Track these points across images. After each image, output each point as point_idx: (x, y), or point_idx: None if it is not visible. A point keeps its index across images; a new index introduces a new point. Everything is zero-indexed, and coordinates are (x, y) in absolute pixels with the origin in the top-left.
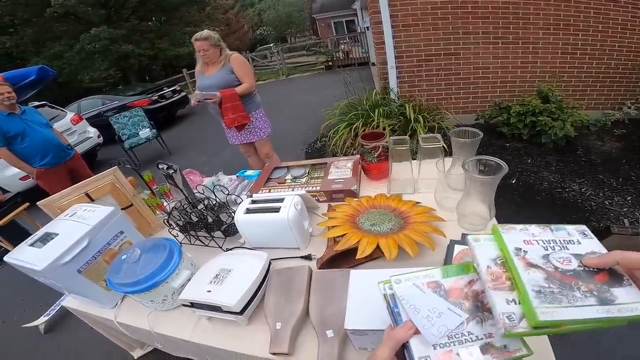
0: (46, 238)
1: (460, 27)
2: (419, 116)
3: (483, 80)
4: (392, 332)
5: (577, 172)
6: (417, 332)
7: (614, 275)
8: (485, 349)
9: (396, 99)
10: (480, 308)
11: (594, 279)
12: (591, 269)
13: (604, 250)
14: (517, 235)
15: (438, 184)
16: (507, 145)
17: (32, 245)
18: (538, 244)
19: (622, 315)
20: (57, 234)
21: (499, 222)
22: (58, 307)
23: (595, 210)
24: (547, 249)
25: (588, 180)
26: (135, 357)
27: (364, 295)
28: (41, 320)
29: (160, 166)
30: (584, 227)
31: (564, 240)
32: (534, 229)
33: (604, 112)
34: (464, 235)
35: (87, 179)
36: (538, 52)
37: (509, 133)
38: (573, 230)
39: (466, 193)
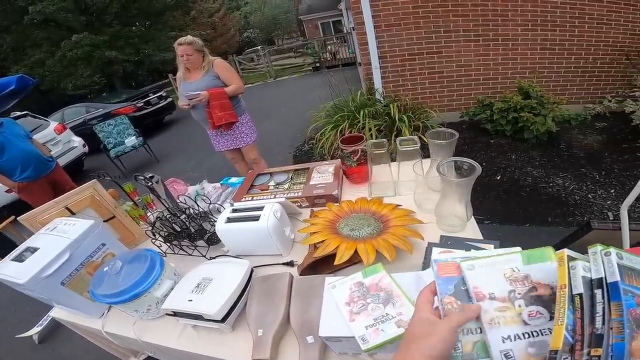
0: (27, 252)
1: (441, 25)
2: (403, 116)
3: (466, 77)
4: (468, 306)
5: (561, 167)
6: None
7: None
8: (398, 324)
9: (381, 99)
10: (392, 296)
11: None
12: None
13: None
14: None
15: (417, 186)
16: (492, 141)
17: (14, 260)
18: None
19: None
20: (37, 248)
21: (484, 220)
22: (50, 318)
23: (579, 204)
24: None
25: (571, 174)
26: None
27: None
28: (34, 331)
29: (139, 178)
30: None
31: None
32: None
33: (584, 107)
34: (442, 237)
35: (67, 193)
36: (517, 48)
37: (493, 130)
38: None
39: (443, 195)
